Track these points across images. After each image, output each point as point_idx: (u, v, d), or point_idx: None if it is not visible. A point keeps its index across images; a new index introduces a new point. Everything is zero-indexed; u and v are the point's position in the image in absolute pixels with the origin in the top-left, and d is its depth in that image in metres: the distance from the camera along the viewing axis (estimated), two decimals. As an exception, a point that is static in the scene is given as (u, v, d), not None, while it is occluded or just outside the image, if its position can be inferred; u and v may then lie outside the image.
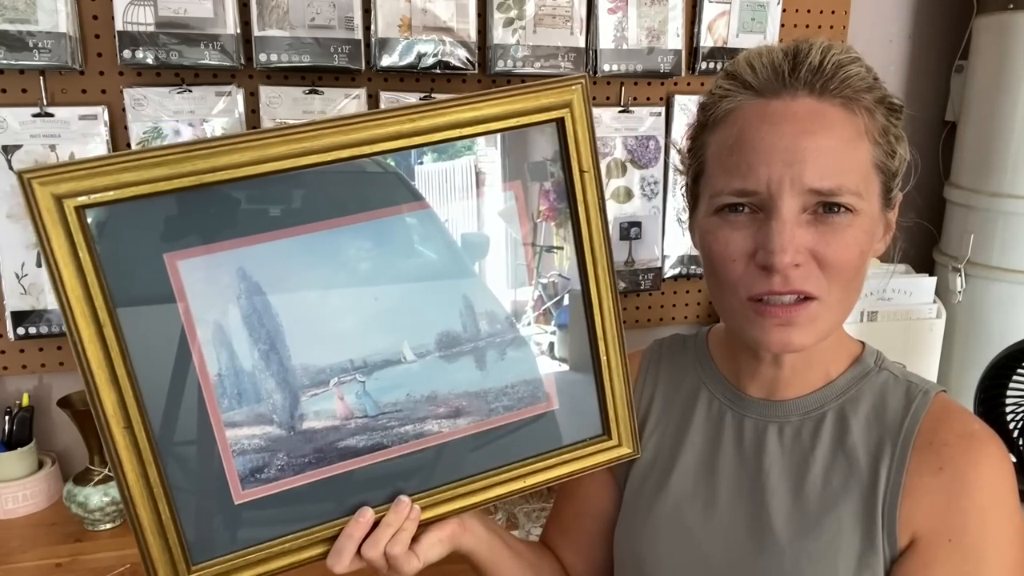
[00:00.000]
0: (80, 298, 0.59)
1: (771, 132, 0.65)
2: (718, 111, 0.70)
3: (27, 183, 0.56)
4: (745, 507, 0.75)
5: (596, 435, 0.76)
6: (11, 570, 1.21)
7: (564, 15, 1.47)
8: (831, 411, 0.74)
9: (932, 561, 0.66)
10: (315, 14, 1.34)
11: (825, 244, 0.66)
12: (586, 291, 0.72)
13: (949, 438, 0.69)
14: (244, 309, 0.64)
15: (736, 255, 0.68)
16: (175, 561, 0.65)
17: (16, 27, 1.24)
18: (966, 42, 1.72)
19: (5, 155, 1.30)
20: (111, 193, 0.58)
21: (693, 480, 0.78)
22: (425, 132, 0.65)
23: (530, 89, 0.67)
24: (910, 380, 0.74)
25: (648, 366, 0.87)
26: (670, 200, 1.63)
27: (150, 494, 0.63)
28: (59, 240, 0.58)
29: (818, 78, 0.65)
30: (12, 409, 1.37)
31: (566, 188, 0.71)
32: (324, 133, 0.62)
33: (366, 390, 0.68)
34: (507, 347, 0.72)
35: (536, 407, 0.74)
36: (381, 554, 0.68)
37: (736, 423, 0.78)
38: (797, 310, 0.66)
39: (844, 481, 0.71)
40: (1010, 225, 1.58)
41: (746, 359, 0.77)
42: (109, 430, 0.61)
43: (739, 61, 0.70)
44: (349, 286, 0.66)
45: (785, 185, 0.64)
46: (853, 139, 0.66)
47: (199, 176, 0.60)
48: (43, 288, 1.34)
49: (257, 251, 0.63)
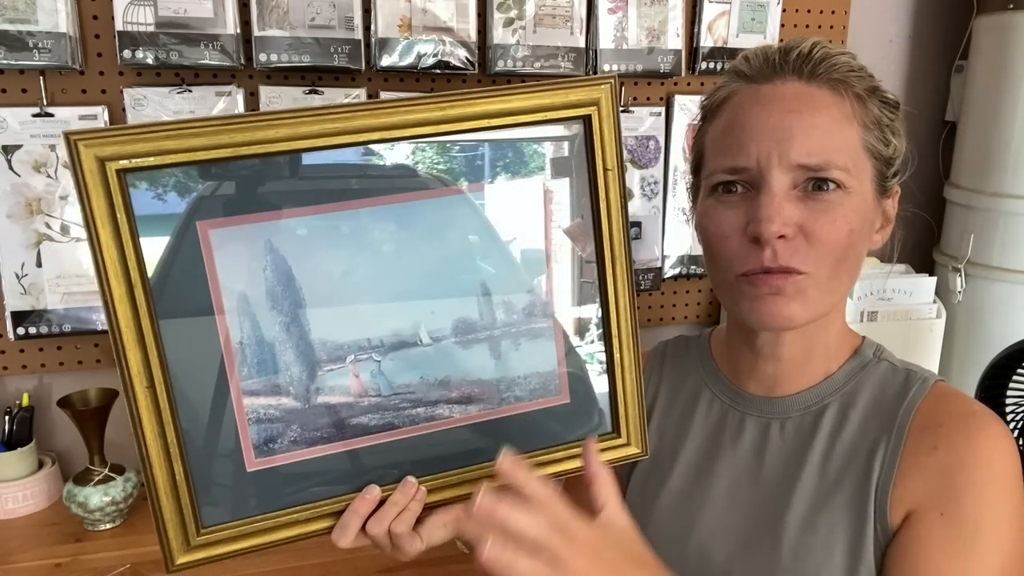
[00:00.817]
0: (115, 258, 0.61)
1: (761, 112, 0.69)
2: (714, 101, 0.74)
3: (73, 144, 0.59)
4: (744, 503, 0.75)
5: (605, 433, 0.77)
6: (11, 570, 1.21)
7: (564, 15, 1.47)
8: (831, 404, 0.74)
9: (924, 536, 0.66)
10: (315, 14, 1.34)
11: (814, 220, 0.67)
12: (603, 289, 0.73)
13: (946, 419, 0.69)
14: (269, 281, 0.65)
15: (729, 231, 0.70)
16: (186, 522, 0.66)
17: (16, 27, 1.24)
18: (966, 42, 1.72)
19: (5, 155, 1.30)
20: (151, 159, 0.60)
21: (694, 478, 0.79)
22: (454, 120, 0.66)
23: (560, 85, 0.69)
24: (909, 369, 0.75)
25: (652, 367, 0.88)
26: (670, 200, 1.63)
27: (167, 455, 0.65)
28: (99, 201, 0.60)
29: (806, 63, 0.69)
30: (12, 409, 1.37)
31: (588, 186, 0.72)
32: (356, 115, 0.64)
33: (381, 370, 0.69)
34: (523, 338, 0.73)
35: (548, 400, 0.75)
36: (385, 532, 0.68)
37: (737, 422, 0.78)
38: (785, 279, 0.68)
39: (840, 473, 0.71)
40: (1010, 225, 1.58)
41: (746, 357, 0.78)
42: (132, 389, 0.63)
43: (738, 57, 0.74)
44: (372, 266, 0.68)
45: (773, 160, 0.67)
46: (841, 120, 0.68)
47: (235, 148, 0.62)
48: (43, 288, 1.34)
49: (285, 225, 0.65)
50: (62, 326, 1.36)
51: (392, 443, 0.70)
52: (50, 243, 1.33)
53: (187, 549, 0.66)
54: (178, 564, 0.66)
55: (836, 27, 1.67)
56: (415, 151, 0.68)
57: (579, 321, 0.74)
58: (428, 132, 0.66)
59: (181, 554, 0.66)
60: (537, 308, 0.73)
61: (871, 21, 1.76)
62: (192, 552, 0.67)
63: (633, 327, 0.75)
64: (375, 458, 0.70)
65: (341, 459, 0.69)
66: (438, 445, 0.72)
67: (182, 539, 0.66)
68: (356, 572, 1.21)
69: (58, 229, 1.34)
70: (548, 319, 0.73)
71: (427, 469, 0.71)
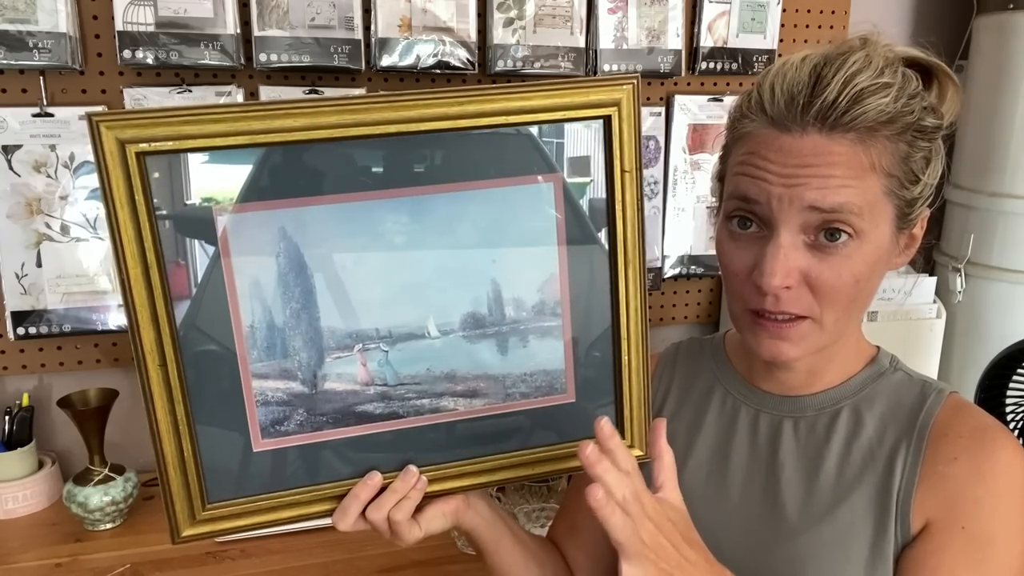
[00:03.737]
0: (132, 239, 0.62)
1: (775, 161, 0.67)
2: (738, 130, 0.72)
3: (95, 125, 0.60)
4: (758, 498, 0.76)
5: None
6: (11, 570, 1.21)
7: (564, 15, 1.47)
8: (846, 407, 0.76)
9: (944, 547, 0.68)
10: (315, 14, 1.34)
11: (819, 270, 0.67)
12: (615, 290, 0.73)
13: (964, 430, 0.71)
14: (281, 267, 0.67)
15: (738, 270, 0.71)
16: (192, 497, 0.68)
17: (16, 27, 1.24)
18: (966, 42, 1.72)
19: (5, 155, 1.30)
20: (171, 143, 0.62)
21: (706, 474, 0.80)
22: (472, 116, 0.67)
23: (581, 84, 0.68)
24: (924, 380, 0.76)
25: (664, 367, 0.89)
26: (670, 200, 1.63)
27: (176, 431, 0.67)
28: (119, 183, 0.61)
29: (830, 113, 0.65)
30: (12, 409, 1.37)
31: (606, 187, 0.72)
32: (375, 107, 0.65)
33: (388, 359, 0.70)
34: (530, 335, 0.73)
35: (553, 398, 0.75)
36: (384, 518, 0.70)
37: (751, 418, 0.79)
38: (789, 327, 0.69)
39: (859, 472, 0.73)
40: (1010, 225, 1.58)
41: (761, 362, 0.79)
42: (145, 366, 0.65)
43: (766, 79, 0.70)
44: (383, 257, 0.69)
45: (785, 202, 0.66)
46: (859, 173, 0.66)
47: (252, 136, 0.63)
48: (43, 288, 1.34)
49: (300, 213, 0.67)
50: (62, 326, 1.36)
51: (396, 432, 0.72)
52: (50, 243, 1.33)
53: (192, 522, 0.69)
54: (183, 536, 0.69)
55: (836, 27, 1.67)
56: (437, 143, 0.69)
57: (588, 321, 0.74)
58: (446, 127, 0.67)
59: (187, 527, 0.69)
60: (547, 306, 0.73)
61: (871, 21, 1.75)
62: (197, 526, 0.69)
63: (643, 330, 0.75)
64: (378, 446, 0.71)
65: (345, 445, 0.71)
66: (441, 436, 0.73)
67: (188, 512, 0.69)
68: (356, 572, 1.21)
69: (58, 229, 1.34)
70: (557, 318, 0.74)
71: (429, 459, 0.72)
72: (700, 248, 1.67)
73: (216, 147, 0.63)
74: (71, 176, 1.33)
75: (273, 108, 0.63)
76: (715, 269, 1.68)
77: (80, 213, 1.34)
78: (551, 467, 0.76)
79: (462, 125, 0.67)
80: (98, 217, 1.34)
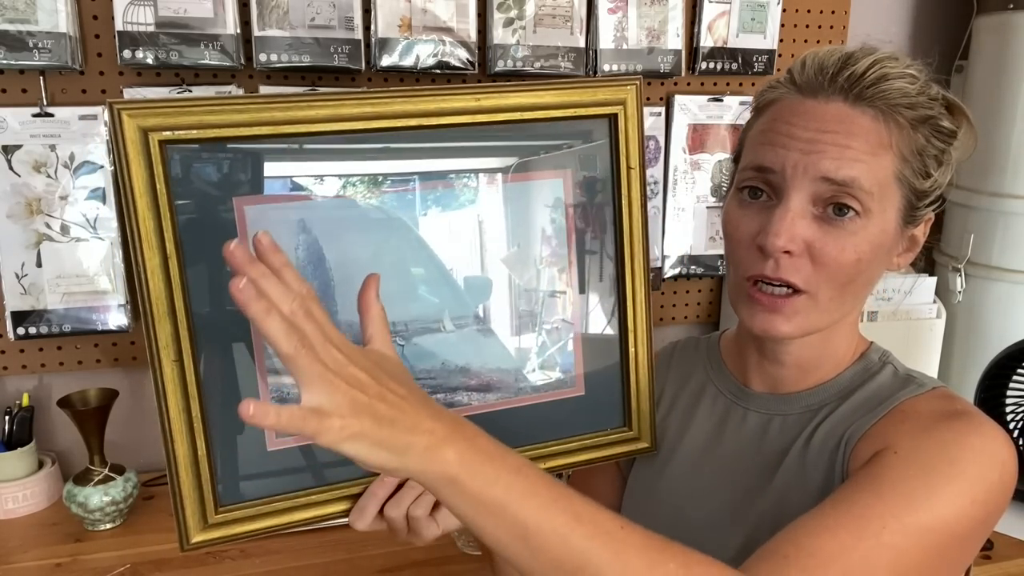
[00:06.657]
0: (151, 229, 0.61)
1: (798, 125, 0.69)
2: (763, 101, 0.74)
3: (116, 113, 0.59)
4: (736, 479, 0.77)
5: (617, 426, 0.78)
6: (11, 570, 1.21)
7: (564, 15, 1.47)
8: (832, 403, 0.76)
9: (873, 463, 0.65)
10: (315, 14, 1.34)
11: (823, 243, 0.68)
12: (621, 286, 0.75)
13: (937, 409, 0.68)
14: (300, 260, 0.66)
15: (743, 236, 0.71)
16: (204, 500, 0.65)
17: (16, 27, 1.24)
18: (966, 42, 1.72)
19: (5, 155, 1.30)
20: (194, 132, 0.61)
21: (691, 466, 0.81)
22: (488, 111, 0.69)
23: (589, 83, 0.72)
24: (911, 374, 0.75)
25: (661, 365, 0.90)
26: (670, 200, 1.63)
27: (190, 429, 0.64)
28: (139, 171, 0.60)
29: (855, 85, 0.68)
30: (12, 409, 1.37)
31: (611, 184, 0.74)
32: (394, 100, 0.66)
33: (404, 354, 0.70)
34: (543, 329, 0.75)
35: (563, 392, 0.76)
36: (403, 515, 0.68)
37: (740, 417, 0.80)
38: (783, 301, 0.69)
39: (818, 455, 0.72)
40: (1010, 225, 1.58)
41: (753, 357, 0.79)
42: (159, 361, 0.63)
43: (798, 58, 0.73)
44: (399, 251, 0.70)
45: (799, 170, 0.67)
46: (876, 146, 0.67)
47: (275, 127, 0.63)
48: (43, 288, 1.34)
49: (320, 206, 0.67)
50: (62, 326, 1.36)
51: None
52: (50, 243, 1.33)
53: (204, 527, 0.66)
54: (193, 542, 0.66)
55: (836, 27, 1.67)
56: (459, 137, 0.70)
57: (597, 316, 0.76)
58: (462, 121, 0.68)
59: (197, 532, 0.66)
60: (558, 301, 0.75)
61: (871, 21, 1.75)
62: (208, 531, 0.66)
63: (648, 324, 0.77)
64: None
65: None
66: None
67: (199, 516, 0.66)
68: (356, 572, 1.21)
69: (58, 229, 1.34)
70: (568, 312, 0.75)
71: None
72: (700, 248, 1.67)
73: (239, 136, 0.63)
74: (71, 176, 1.33)
75: (296, 99, 0.64)
76: (715, 269, 1.68)
77: (80, 213, 1.34)
78: (561, 461, 0.76)
79: (479, 120, 0.69)
80: (98, 217, 1.34)
